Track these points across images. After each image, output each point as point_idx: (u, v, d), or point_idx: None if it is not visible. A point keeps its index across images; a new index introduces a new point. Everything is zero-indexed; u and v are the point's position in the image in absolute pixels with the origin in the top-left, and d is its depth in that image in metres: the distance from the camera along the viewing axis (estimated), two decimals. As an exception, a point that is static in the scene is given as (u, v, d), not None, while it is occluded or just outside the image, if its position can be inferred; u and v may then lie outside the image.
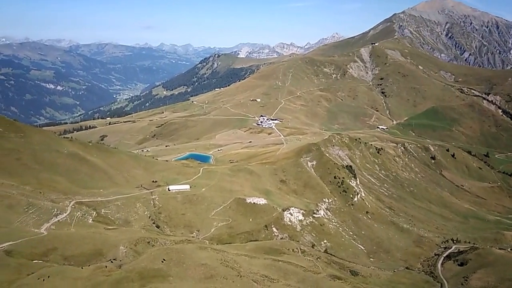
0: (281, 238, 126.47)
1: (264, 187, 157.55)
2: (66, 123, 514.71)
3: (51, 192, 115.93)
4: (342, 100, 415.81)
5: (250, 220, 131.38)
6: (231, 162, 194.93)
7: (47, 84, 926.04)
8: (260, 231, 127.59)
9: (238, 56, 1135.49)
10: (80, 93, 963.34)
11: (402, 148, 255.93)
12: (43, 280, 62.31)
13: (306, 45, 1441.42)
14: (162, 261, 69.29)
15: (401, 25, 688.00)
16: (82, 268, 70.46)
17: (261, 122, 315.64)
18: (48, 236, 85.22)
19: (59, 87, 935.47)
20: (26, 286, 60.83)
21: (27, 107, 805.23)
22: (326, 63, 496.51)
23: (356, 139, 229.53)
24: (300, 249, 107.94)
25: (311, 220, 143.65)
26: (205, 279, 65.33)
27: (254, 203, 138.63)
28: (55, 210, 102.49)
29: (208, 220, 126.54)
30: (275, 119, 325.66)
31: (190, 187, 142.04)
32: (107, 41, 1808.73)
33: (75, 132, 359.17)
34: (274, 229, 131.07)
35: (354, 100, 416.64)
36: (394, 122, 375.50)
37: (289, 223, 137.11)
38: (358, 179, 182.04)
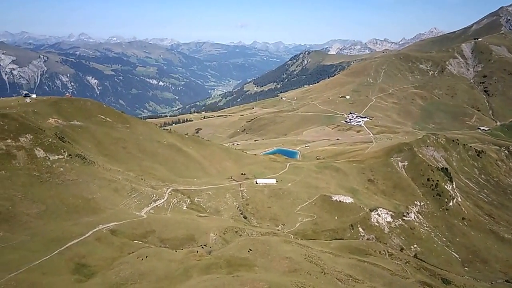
0: (367, 239, 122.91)
1: (350, 186, 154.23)
2: (166, 116, 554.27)
3: (151, 179, 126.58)
4: (439, 98, 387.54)
5: (336, 218, 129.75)
6: (317, 159, 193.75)
7: (150, 80, 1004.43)
8: (345, 230, 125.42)
9: (329, 52, 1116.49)
10: (179, 88, 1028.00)
11: (506, 151, 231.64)
12: (142, 259, 68.60)
13: (401, 40, 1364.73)
14: (249, 251, 71.82)
15: (509, 19, 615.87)
16: (176, 251, 76.20)
17: (350, 119, 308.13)
18: (147, 219, 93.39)
19: (161, 83, 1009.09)
20: (127, 264, 67.44)
21: (133, 100, 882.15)
22: (422, 59, 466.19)
23: (453, 140, 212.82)
24: (388, 252, 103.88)
25: (400, 222, 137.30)
26: (289, 272, 66.30)
27: (340, 201, 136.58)
28: (154, 195, 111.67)
29: (293, 215, 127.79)
30: (365, 117, 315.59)
31: (277, 181, 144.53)
32: (204, 39, 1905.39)
33: (173, 124, 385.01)
34: (360, 229, 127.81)
35: (452, 99, 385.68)
36: (498, 123, 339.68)
37: (377, 224, 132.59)
38: (454, 182, 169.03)
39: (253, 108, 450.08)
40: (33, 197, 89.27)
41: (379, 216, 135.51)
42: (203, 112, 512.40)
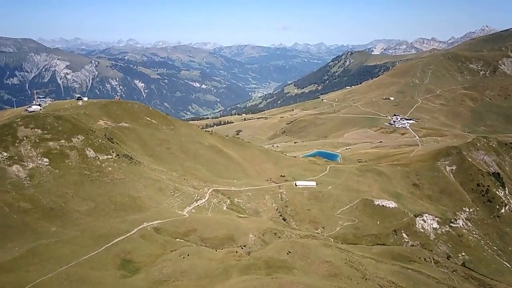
0: (411, 245, 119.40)
1: (394, 190, 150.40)
2: (207, 118, 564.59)
3: (193, 179, 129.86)
4: (490, 99, 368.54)
5: (378, 223, 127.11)
6: (359, 162, 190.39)
7: (194, 83, 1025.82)
8: (388, 235, 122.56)
9: (372, 53, 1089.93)
10: (221, 91, 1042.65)
11: None
12: (183, 257, 70.76)
13: (449, 39, 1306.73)
14: (288, 253, 72.18)
15: None
16: (216, 250, 77.92)
17: (394, 121, 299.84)
18: (189, 218, 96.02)
19: (203, 86, 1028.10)
20: (169, 261, 69.81)
21: (177, 103, 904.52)
22: (472, 59, 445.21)
23: (506, 144, 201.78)
24: (433, 259, 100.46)
25: (447, 229, 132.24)
26: (329, 276, 65.99)
27: (382, 205, 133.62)
28: (196, 195, 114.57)
29: (333, 218, 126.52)
30: (410, 119, 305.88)
31: (317, 184, 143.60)
32: (246, 42, 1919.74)
33: (214, 126, 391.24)
34: (404, 235, 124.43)
35: (505, 100, 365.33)
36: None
37: (422, 230, 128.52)
38: (507, 188, 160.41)
39: (293, 110, 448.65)
40: (84, 194, 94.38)
41: (425, 222, 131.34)
42: (243, 114, 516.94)
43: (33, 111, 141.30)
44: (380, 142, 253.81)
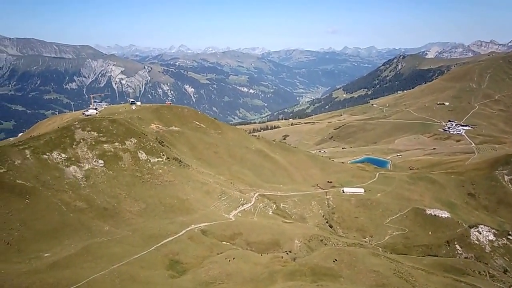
0: (465, 257, 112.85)
1: (447, 199, 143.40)
2: (255, 122, 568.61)
3: (239, 183, 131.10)
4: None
5: (430, 233, 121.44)
6: (410, 169, 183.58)
7: (241, 88, 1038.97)
8: (440, 246, 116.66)
9: (426, 56, 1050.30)
10: (268, 95, 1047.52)
11: None
12: (229, 260, 71.33)
13: (510, 42, 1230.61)
14: (334, 261, 70.73)
15: None
16: (261, 255, 77.91)
17: (449, 127, 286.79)
18: (235, 222, 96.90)
19: (251, 90, 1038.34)
20: (215, 263, 70.63)
21: (225, 107, 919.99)
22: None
23: None
24: (489, 273, 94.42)
25: (504, 242, 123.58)
26: (377, 286, 63.89)
27: (435, 215, 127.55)
28: (242, 199, 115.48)
29: (382, 227, 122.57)
30: (466, 125, 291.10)
31: (365, 191, 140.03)
32: (294, 47, 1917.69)
33: (261, 131, 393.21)
34: (458, 246, 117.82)
35: None
36: None
37: (476, 242, 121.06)
38: None
39: (341, 115, 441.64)
40: (135, 196, 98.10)
41: (480, 233, 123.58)
42: (290, 119, 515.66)
43: (90, 115, 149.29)
44: (434, 149, 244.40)
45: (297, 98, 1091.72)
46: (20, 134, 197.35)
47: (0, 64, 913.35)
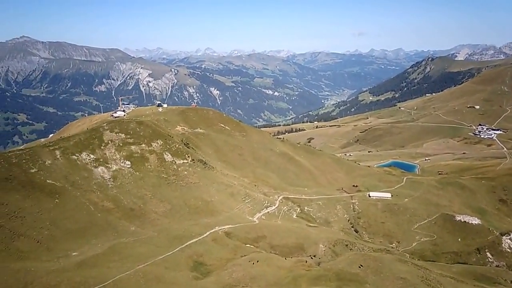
0: (496, 266, 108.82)
1: (478, 205, 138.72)
2: (279, 125, 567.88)
3: (263, 186, 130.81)
4: None
5: (459, 240, 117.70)
6: (439, 174, 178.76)
7: (266, 90, 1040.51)
8: (470, 253, 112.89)
9: (456, 58, 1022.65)
10: (293, 98, 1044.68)
11: None
12: (253, 263, 70.99)
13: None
14: (360, 267, 69.34)
15: None
16: (285, 258, 77.27)
17: (479, 131, 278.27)
18: (259, 225, 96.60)
19: (276, 93, 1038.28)
20: (239, 266, 70.42)
21: (250, 110, 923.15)
22: None
23: None
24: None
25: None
26: (403, 293, 62.27)
27: (464, 221, 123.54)
28: (266, 202, 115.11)
29: (409, 232, 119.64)
30: (497, 129, 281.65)
31: (392, 195, 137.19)
32: (320, 49, 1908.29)
33: (286, 133, 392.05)
34: (488, 254, 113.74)
35: None
36: None
37: (508, 250, 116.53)
38: None
39: (367, 118, 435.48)
40: (161, 197, 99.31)
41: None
42: (315, 122, 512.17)
43: (118, 117, 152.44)
44: (463, 153, 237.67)
45: (322, 101, 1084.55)
46: (51, 135, 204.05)
47: (33, 67, 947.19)
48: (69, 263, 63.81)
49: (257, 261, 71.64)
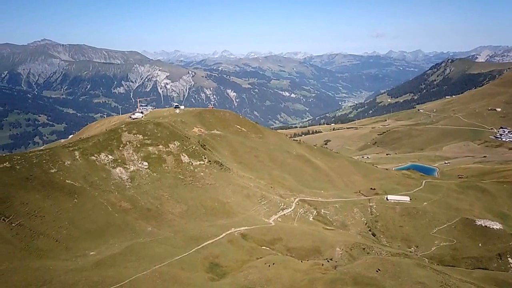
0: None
1: (499, 210, 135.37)
2: (296, 127, 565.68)
3: (280, 188, 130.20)
4: None
5: (479, 245, 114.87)
6: (459, 178, 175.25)
7: (283, 92, 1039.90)
8: (491, 259, 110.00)
9: (476, 60, 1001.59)
10: (310, 100, 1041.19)
11: None
12: (269, 266, 70.52)
13: None
14: (377, 271, 68.24)
15: None
16: (301, 261, 76.58)
17: (501, 134, 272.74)
18: (275, 227, 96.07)
19: (292, 95, 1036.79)
20: (255, 268, 70.06)
21: (266, 112, 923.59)
22: None
23: None
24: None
25: None
26: (422, 299, 61.01)
27: (485, 226, 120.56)
28: (282, 204, 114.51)
29: (428, 237, 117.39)
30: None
31: (410, 199, 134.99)
32: (337, 51, 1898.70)
33: (302, 135, 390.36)
34: (510, 260, 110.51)
35: None
36: None
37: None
38: None
39: (386, 120, 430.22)
40: (178, 197, 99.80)
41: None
42: (332, 124, 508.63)
43: (136, 118, 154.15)
44: (484, 157, 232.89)
45: (340, 103, 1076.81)
46: (71, 136, 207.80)
47: (54, 69, 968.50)
48: (86, 262, 64.56)
49: (273, 264, 71.18)
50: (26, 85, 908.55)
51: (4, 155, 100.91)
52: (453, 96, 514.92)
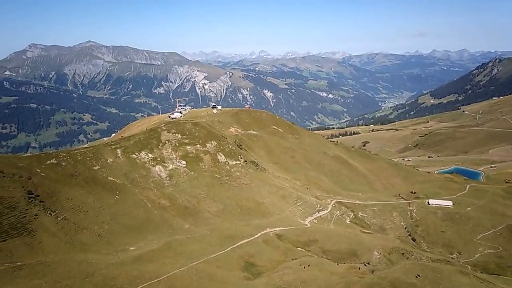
0: None
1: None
2: (333, 128, 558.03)
3: (316, 189, 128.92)
4: None
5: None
6: (506, 182, 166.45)
7: (320, 93, 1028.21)
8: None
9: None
10: (348, 101, 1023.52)
11: None
12: (304, 267, 70.04)
13: None
14: (417, 277, 66.16)
15: None
16: (337, 264, 75.51)
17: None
18: (311, 228, 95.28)
19: (330, 95, 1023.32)
20: (290, 269, 69.77)
21: (303, 112, 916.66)
22: None
23: None
24: None
25: None
26: (464, 308, 58.53)
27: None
28: (318, 206, 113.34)
29: (472, 243, 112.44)
30: None
31: (453, 204, 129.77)
32: (377, 51, 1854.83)
33: (340, 136, 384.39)
34: None
35: None
36: None
37: None
38: None
39: (428, 121, 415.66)
40: (214, 196, 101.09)
41: None
42: (371, 125, 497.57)
43: (175, 118, 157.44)
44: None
45: (379, 104, 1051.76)
46: (113, 135, 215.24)
47: (98, 70, 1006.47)
48: (126, 257, 66.66)
49: (308, 265, 70.64)
50: (72, 85, 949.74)
51: (50, 152, 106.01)
52: (501, 97, 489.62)
